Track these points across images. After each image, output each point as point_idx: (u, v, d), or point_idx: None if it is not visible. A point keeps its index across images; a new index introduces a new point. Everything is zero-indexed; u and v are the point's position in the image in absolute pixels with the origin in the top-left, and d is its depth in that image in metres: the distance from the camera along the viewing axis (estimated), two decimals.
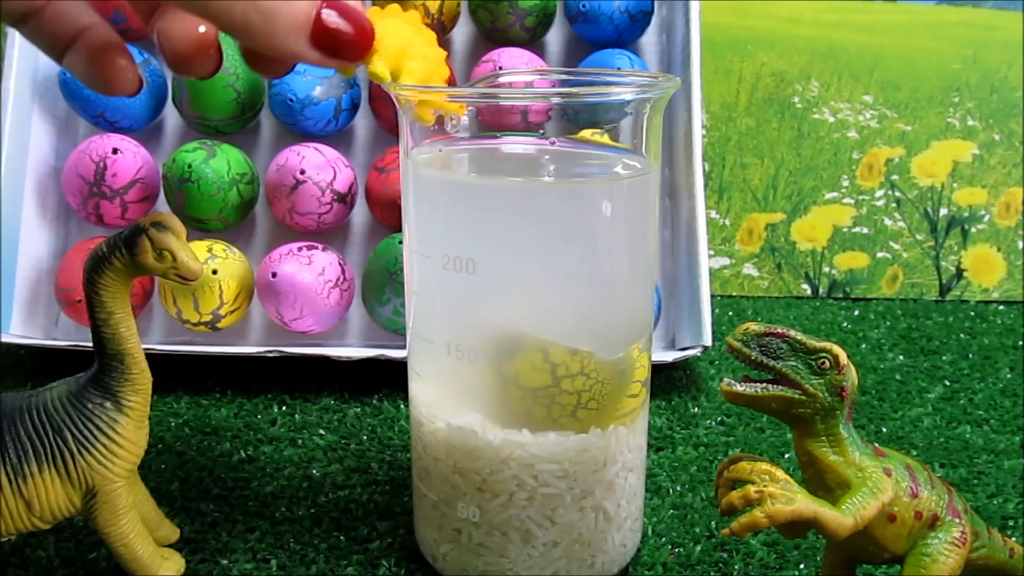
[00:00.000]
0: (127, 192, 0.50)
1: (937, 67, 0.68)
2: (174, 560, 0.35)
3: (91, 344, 0.32)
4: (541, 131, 0.33)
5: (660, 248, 0.55)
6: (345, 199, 0.50)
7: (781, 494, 0.26)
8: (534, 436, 0.31)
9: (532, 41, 0.55)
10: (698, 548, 0.37)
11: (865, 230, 0.69)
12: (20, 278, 0.52)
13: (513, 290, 0.30)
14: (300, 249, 0.48)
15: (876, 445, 0.30)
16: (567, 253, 0.30)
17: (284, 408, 0.48)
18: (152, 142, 0.55)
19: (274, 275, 0.47)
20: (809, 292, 0.69)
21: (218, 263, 0.47)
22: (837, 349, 0.28)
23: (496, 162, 0.34)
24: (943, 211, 0.69)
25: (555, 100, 0.32)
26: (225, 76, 0.50)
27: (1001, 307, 0.67)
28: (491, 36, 0.55)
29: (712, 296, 0.55)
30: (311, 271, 0.47)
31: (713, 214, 0.69)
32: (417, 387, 0.33)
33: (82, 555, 0.36)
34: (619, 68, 0.52)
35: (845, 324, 0.63)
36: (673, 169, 0.55)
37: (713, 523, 0.38)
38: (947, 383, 0.53)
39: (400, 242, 0.48)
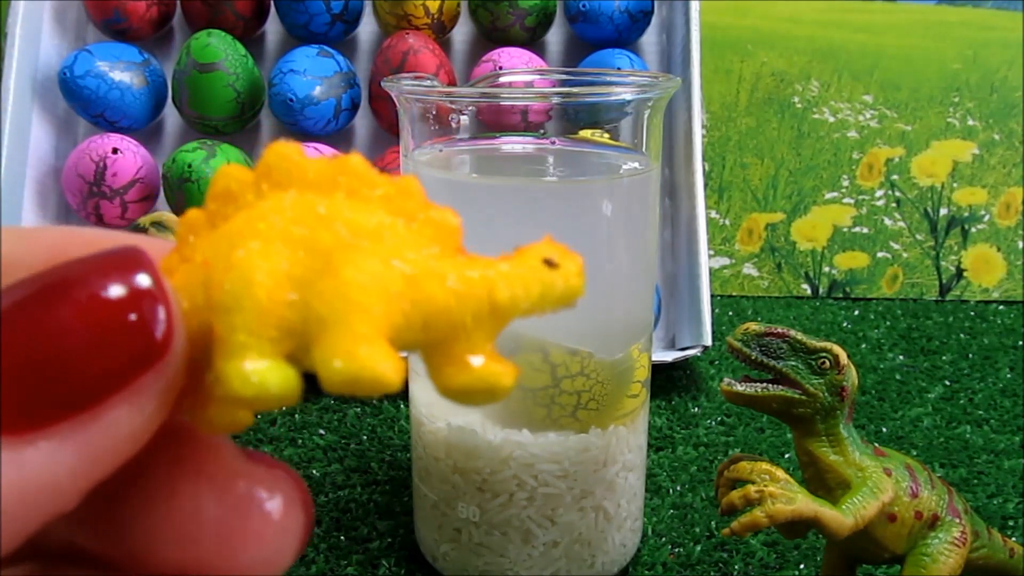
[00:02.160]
0: (127, 192, 0.50)
1: (937, 67, 0.68)
2: None
3: None
4: (541, 131, 0.33)
5: (660, 248, 0.55)
6: None
7: (781, 494, 0.26)
8: (534, 436, 0.31)
9: (532, 41, 0.55)
10: (698, 548, 0.37)
11: (865, 230, 0.69)
12: None
13: None
14: None
15: (876, 445, 0.30)
16: None
17: (284, 408, 0.48)
18: (152, 142, 0.55)
19: None
20: (809, 292, 0.69)
21: None
22: (837, 349, 0.28)
23: (496, 162, 0.34)
24: (943, 211, 0.69)
25: (555, 100, 0.32)
26: (225, 76, 0.50)
27: (1001, 307, 0.67)
28: (491, 36, 0.55)
29: (712, 296, 0.55)
30: None
31: (713, 214, 0.69)
32: (417, 387, 0.33)
33: None
34: (619, 68, 0.52)
35: (845, 324, 0.63)
36: (673, 169, 0.55)
37: (713, 523, 0.38)
38: (947, 383, 0.53)
39: None
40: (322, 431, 0.46)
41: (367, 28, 0.57)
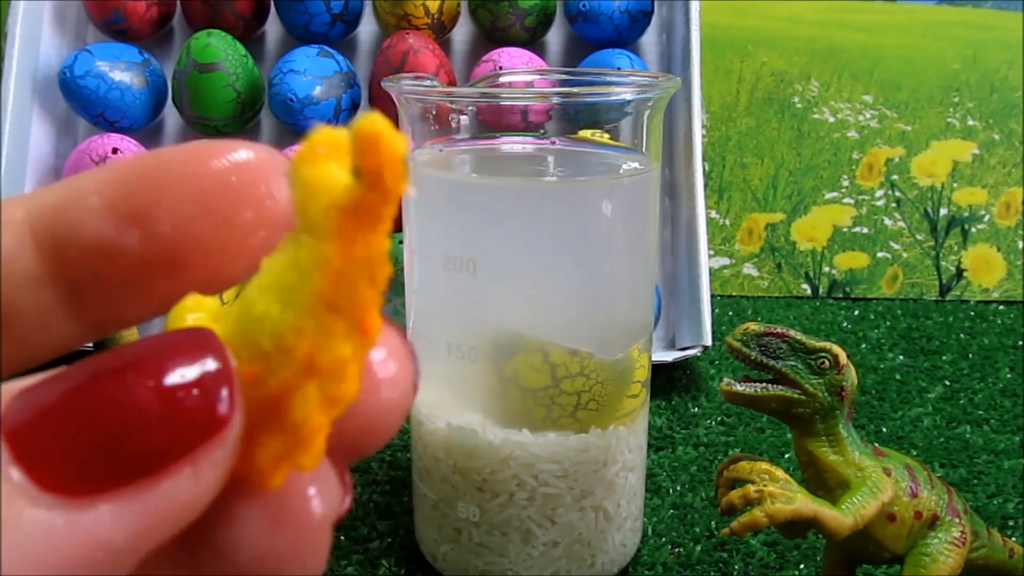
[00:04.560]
0: None
1: (937, 67, 0.68)
2: None
3: (92, 343, 0.32)
4: (541, 131, 0.33)
5: (660, 248, 0.55)
6: None
7: (781, 493, 0.26)
8: (534, 436, 0.31)
9: (532, 41, 0.55)
10: (698, 548, 0.37)
11: (865, 230, 0.69)
12: None
13: (513, 290, 0.30)
14: None
15: (876, 445, 0.30)
16: (567, 253, 0.30)
17: None
18: (152, 142, 0.55)
19: None
20: (809, 292, 0.69)
21: None
22: (837, 349, 0.28)
23: (496, 162, 0.34)
24: (943, 211, 0.69)
25: (555, 100, 0.32)
26: (225, 76, 0.50)
27: (1001, 307, 0.67)
28: (491, 36, 0.55)
29: (712, 296, 0.55)
30: None
31: (713, 214, 0.69)
32: None
33: None
34: (619, 68, 0.52)
35: (845, 324, 0.63)
36: (673, 169, 0.55)
37: (713, 523, 0.38)
38: (947, 383, 0.53)
39: (400, 242, 0.48)
40: None
41: (367, 28, 0.57)
